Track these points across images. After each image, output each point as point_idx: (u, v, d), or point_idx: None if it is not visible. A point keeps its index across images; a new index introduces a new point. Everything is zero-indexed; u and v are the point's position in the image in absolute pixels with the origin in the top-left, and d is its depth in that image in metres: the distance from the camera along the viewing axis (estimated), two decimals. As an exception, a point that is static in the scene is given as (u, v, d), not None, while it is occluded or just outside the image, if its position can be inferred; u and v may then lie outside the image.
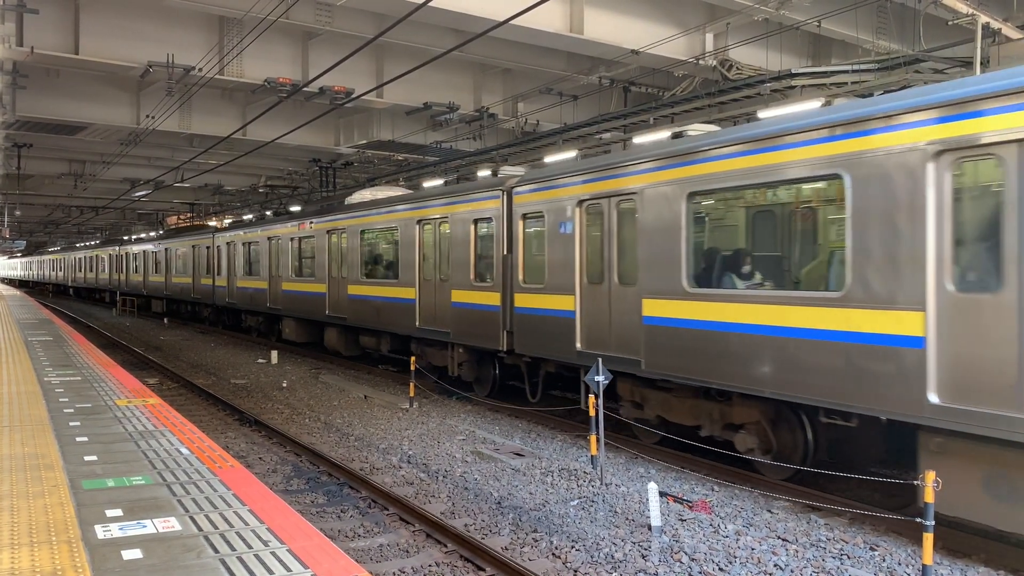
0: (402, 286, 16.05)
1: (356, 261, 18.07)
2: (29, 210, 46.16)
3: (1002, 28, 11.38)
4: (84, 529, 4.19)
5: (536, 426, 12.53)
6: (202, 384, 16.63)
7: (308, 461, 10.49)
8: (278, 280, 22.58)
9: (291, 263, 21.71)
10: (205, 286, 29.82)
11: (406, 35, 15.50)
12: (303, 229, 20.83)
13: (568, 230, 11.54)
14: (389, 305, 16.53)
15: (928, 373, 6.80)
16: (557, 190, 11.83)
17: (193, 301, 32.31)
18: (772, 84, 13.81)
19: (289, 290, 21.74)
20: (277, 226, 22.86)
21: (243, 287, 25.63)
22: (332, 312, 19.16)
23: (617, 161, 10.69)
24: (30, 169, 29.15)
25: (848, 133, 7.60)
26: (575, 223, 11.41)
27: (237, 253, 26.14)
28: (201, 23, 16.63)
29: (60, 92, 19.69)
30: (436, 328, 14.86)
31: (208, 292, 29.48)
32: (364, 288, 17.69)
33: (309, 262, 20.79)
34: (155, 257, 37.13)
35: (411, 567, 6.83)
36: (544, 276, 12.08)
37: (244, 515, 4.44)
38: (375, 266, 17.96)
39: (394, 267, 16.56)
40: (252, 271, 25.09)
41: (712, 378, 9.01)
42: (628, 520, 7.85)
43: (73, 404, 7.92)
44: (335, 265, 19.24)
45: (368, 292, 17.50)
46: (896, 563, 6.81)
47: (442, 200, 14.99)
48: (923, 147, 6.92)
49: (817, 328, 7.81)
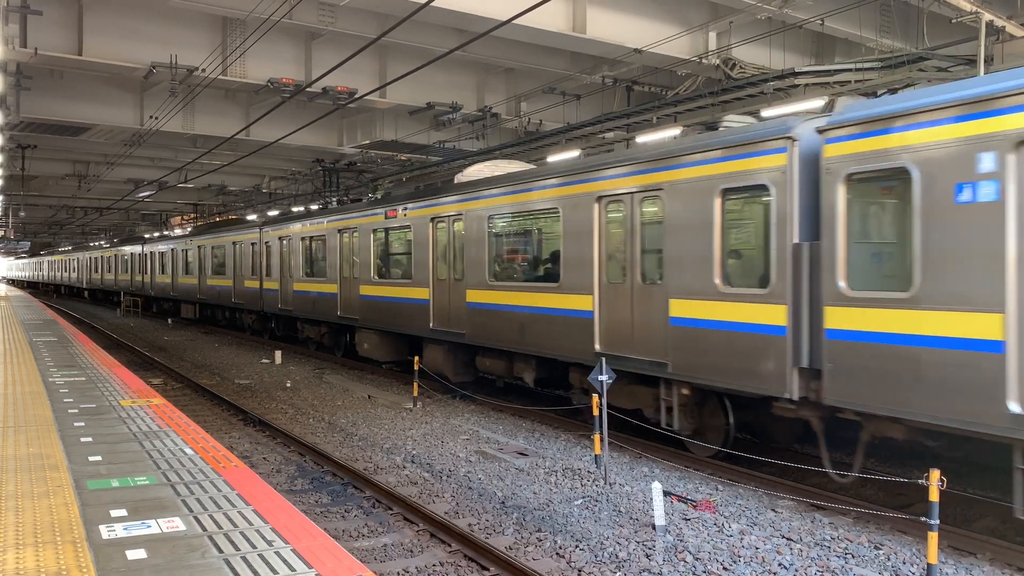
0: (568, 292, 11.47)
1: (481, 259, 13.60)
2: (33, 211, 46.31)
3: (1006, 26, 11.36)
4: (89, 529, 4.19)
5: (540, 426, 12.53)
6: (206, 384, 16.65)
7: (312, 461, 10.50)
8: (353, 283, 18.65)
9: (373, 261, 17.71)
10: (250, 290, 25.61)
11: (409, 35, 15.52)
12: (393, 218, 16.81)
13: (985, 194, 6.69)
14: (543, 319, 12.00)
15: None
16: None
17: (234, 307, 27.85)
18: (775, 83, 13.80)
19: (371, 295, 17.69)
20: (354, 215, 18.77)
21: (303, 291, 21.53)
22: (439, 325, 14.92)
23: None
24: (34, 170, 29.23)
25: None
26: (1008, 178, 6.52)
27: (293, 250, 22.14)
28: (204, 24, 16.66)
29: (64, 93, 19.74)
30: (640, 356, 10.21)
31: (253, 297, 25.32)
32: (495, 295, 13.15)
33: (402, 260, 16.83)
34: (186, 256, 32.78)
35: (415, 567, 6.83)
36: (916, 275, 7.16)
37: (248, 515, 4.44)
38: (522, 266, 13.48)
39: (552, 265, 12.27)
40: (315, 271, 21.02)
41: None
42: (632, 519, 7.84)
43: (77, 404, 7.94)
44: (443, 264, 15.01)
45: (502, 300, 12.97)
46: (901, 562, 6.80)
47: (666, 162, 9.86)
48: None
49: None
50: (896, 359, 7.22)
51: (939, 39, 13.65)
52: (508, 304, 12.91)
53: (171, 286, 35.00)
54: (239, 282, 26.76)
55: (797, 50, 17.06)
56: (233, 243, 27.31)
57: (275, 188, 35.49)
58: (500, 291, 13.15)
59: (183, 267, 33.29)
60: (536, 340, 12.19)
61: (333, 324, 20.54)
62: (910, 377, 7.12)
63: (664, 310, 9.75)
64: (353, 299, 18.63)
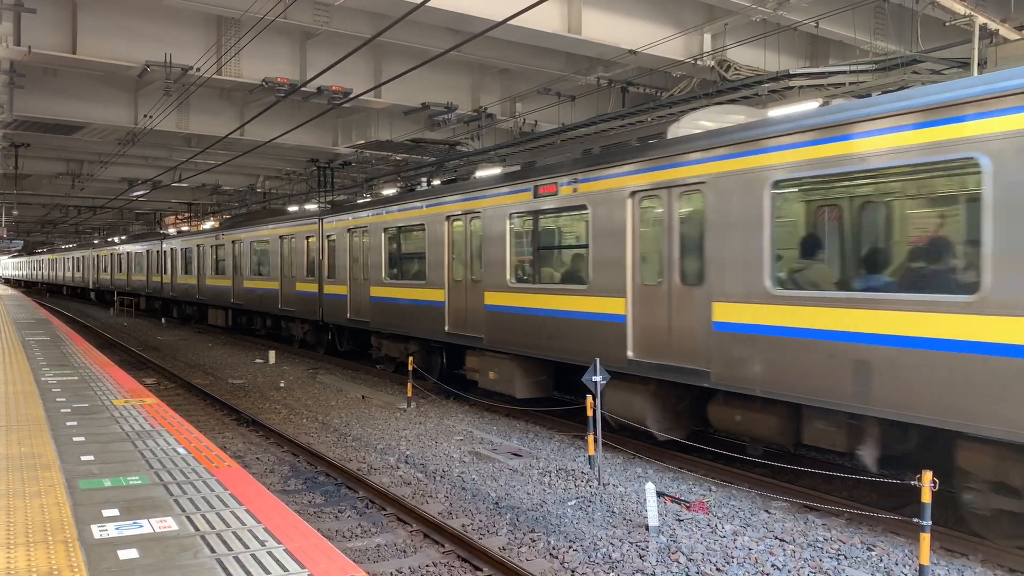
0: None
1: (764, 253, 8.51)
2: (26, 210, 46.13)
3: (1000, 29, 11.39)
4: (80, 529, 4.18)
5: (534, 426, 12.53)
6: (200, 384, 16.61)
7: (306, 461, 10.49)
8: (471, 290, 13.49)
9: (510, 259, 12.53)
10: (305, 295, 20.93)
11: (404, 35, 15.50)
12: (546, 195, 11.67)
13: None
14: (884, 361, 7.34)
15: None
16: None
17: (282, 315, 23.20)
18: (770, 84, 13.84)
19: (502, 306, 12.48)
20: (476, 196, 13.37)
21: (385, 299, 16.58)
22: (640, 356, 10.04)
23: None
24: (27, 169, 29.12)
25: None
26: None
27: (370, 246, 17.43)
28: (199, 23, 16.62)
29: (58, 92, 19.67)
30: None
31: (308, 304, 20.76)
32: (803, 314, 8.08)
33: (563, 258, 12.13)
34: (215, 253, 28.23)
35: (408, 567, 6.83)
36: None
37: (241, 515, 4.43)
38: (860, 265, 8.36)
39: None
40: (403, 273, 16.18)
41: None
42: (626, 520, 7.85)
43: (70, 404, 7.91)
44: (653, 261, 10.03)
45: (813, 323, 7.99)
46: (893, 563, 6.82)
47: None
48: None
49: None
50: None
51: (933, 42, 13.69)
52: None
53: (196, 288, 30.56)
54: (288, 285, 22.20)
55: (792, 52, 17.10)
56: (280, 238, 22.82)
57: (270, 188, 35.44)
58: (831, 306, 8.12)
59: (211, 266, 28.75)
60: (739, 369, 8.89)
61: (440, 344, 15.09)
62: None
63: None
64: (471, 313, 13.58)
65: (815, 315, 7.93)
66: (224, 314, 28.48)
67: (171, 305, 36.38)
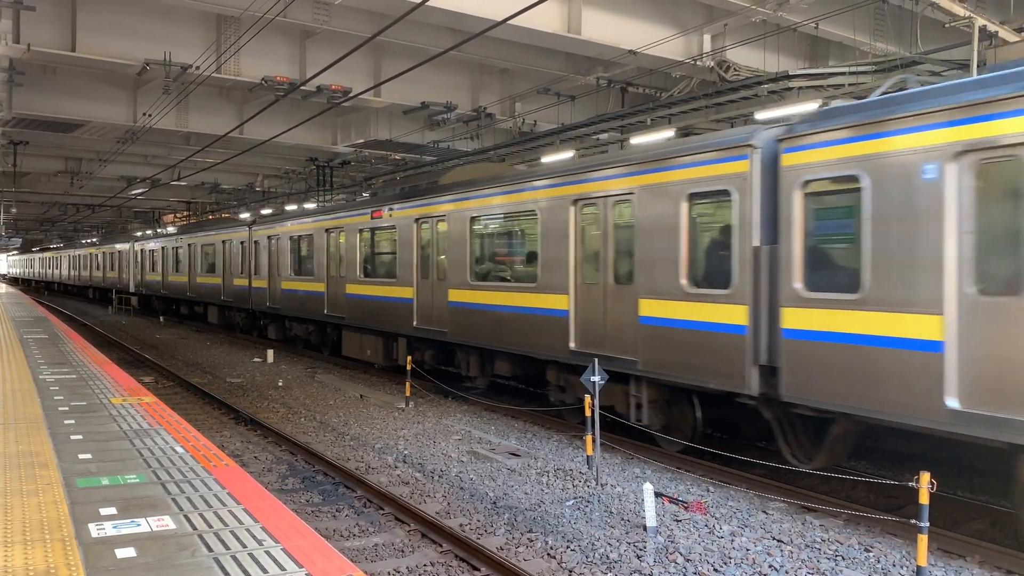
0: None
1: None
2: (25, 208, 46.11)
3: (999, 31, 11.40)
4: (78, 527, 4.17)
5: (532, 426, 12.53)
6: (198, 383, 16.60)
7: (303, 460, 10.48)
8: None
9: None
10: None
11: (404, 34, 15.50)
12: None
13: None
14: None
15: None
16: None
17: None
18: (769, 85, 13.83)
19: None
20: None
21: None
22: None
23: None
24: (26, 167, 29.10)
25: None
26: None
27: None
28: (198, 21, 16.61)
29: (57, 89, 19.64)
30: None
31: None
32: None
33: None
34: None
35: (406, 567, 6.82)
36: None
37: (239, 514, 4.43)
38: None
39: None
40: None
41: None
42: (623, 520, 7.85)
43: (68, 402, 7.90)
44: None
45: None
46: (891, 564, 6.82)
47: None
48: None
49: None
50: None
51: (932, 43, 13.70)
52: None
53: (221, 288, 27.49)
54: (336, 287, 18.62)
55: (791, 53, 17.10)
56: (326, 231, 19.28)
57: (269, 187, 35.40)
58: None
59: (240, 264, 25.58)
60: None
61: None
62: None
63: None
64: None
65: None
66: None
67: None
